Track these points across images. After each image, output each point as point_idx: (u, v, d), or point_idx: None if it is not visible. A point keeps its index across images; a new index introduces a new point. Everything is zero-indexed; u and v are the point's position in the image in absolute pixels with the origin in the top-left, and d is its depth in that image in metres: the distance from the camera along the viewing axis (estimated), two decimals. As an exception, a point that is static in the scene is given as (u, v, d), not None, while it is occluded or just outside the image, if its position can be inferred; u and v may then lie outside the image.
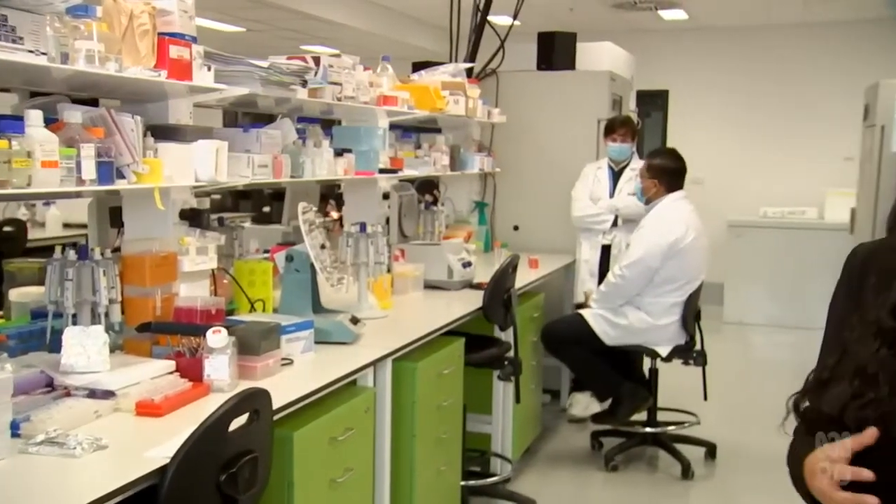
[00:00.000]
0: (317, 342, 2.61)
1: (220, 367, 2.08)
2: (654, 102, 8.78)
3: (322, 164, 3.12)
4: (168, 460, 1.58)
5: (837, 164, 7.91)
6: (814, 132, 8.33)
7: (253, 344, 2.21)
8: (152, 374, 2.03)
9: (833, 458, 1.15)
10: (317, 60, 2.92)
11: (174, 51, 2.14)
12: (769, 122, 8.59)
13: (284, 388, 2.18)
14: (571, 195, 4.92)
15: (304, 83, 2.78)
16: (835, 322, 1.30)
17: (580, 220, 4.92)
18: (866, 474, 1.11)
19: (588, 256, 4.92)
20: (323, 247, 2.78)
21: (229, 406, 1.64)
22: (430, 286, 3.91)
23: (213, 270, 2.63)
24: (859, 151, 6.38)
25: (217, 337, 2.08)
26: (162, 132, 2.29)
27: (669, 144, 8.57)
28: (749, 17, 8.18)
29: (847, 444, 1.14)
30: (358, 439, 2.47)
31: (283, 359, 2.40)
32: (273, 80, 2.54)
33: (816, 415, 1.24)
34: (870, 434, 1.13)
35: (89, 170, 1.90)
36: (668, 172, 4.21)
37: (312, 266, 2.73)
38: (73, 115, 1.98)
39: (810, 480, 1.19)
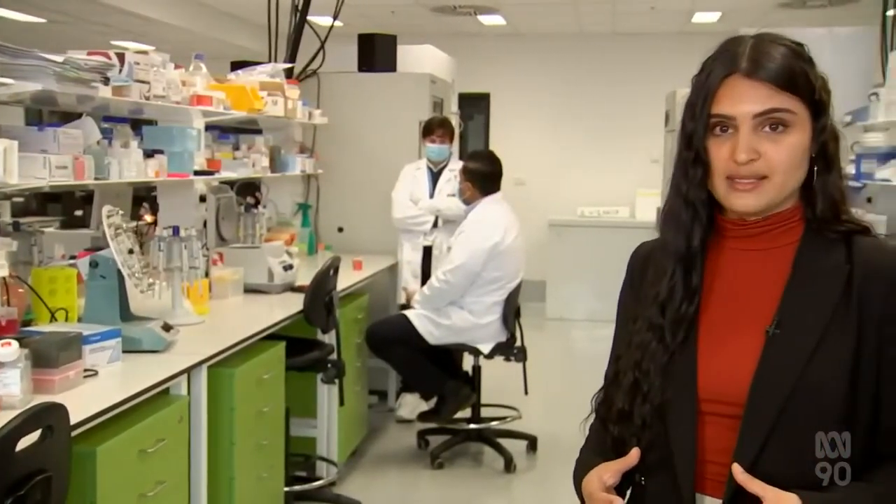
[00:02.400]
0: (126, 351, 2.49)
1: (10, 382, 1.94)
2: (476, 105, 9.01)
3: (130, 166, 2.98)
4: (-56, 486, 1.46)
5: (645, 166, 8.41)
6: (624, 136, 8.82)
7: (50, 356, 2.08)
8: (-71, 393, 1.86)
9: (605, 482, 1.25)
10: (121, 57, 2.78)
11: (-50, 41, 1.97)
12: (585, 125, 9.02)
13: (87, 401, 2.06)
14: (392, 197, 4.96)
15: (107, 80, 2.64)
16: (622, 317, 1.38)
17: (401, 222, 4.96)
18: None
19: (410, 258, 4.97)
20: (131, 251, 2.65)
21: (15, 424, 1.53)
22: (251, 290, 3.82)
23: (4, 279, 2.45)
24: (663, 154, 6.83)
25: (6, 350, 1.94)
26: (-60, 130, 2.11)
27: (491, 146, 8.83)
28: (562, 25, 8.56)
29: (616, 468, 1.25)
30: (170, 450, 2.38)
31: (87, 370, 2.27)
32: (70, 77, 2.39)
33: (607, 410, 1.32)
34: (633, 455, 1.24)
35: None
36: (481, 176, 4.31)
37: (120, 272, 2.61)
38: None
39: (591, 497, 1.27)
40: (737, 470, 1.14)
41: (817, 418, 1.14)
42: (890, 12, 4.64)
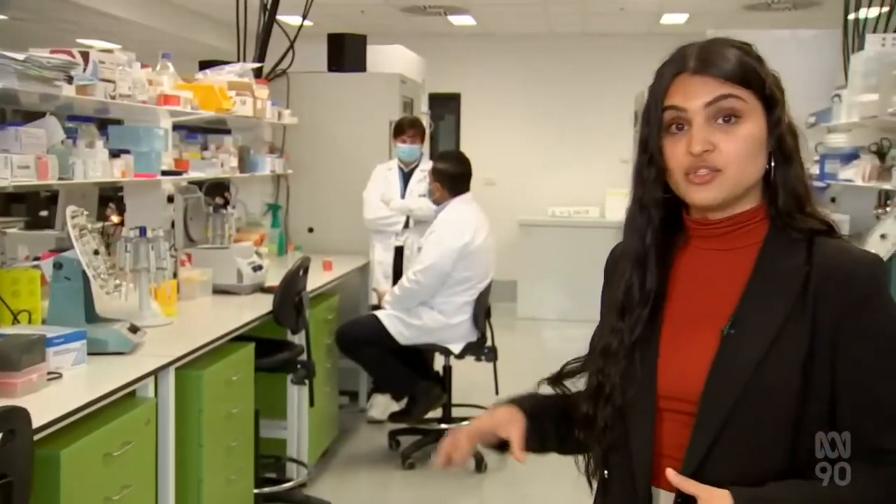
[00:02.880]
0: (91, 353, 2.46)
1: (-28, 385, 1.91)
2: (447, 105, 9.01)
3: (96, 166, 2.94)
4: None
5: (615, 166, 8.45)
6: (594, 136, 8.86)
7: (12, 358, 2.05)
8: None
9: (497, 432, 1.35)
10: (85, 55, 2.74)
11: None
12: (555, 125, 9.05)
13: (50, 403, 2.04)
14: (363, 197, 4.94)
15: (70, 79, 2.60)
16: (601, 321, 1.39)
17: (372, 223, 4.95)
18: None
19: (382, 258, 4.96)
20: (97, 252, 2.62)
21: (-24, 427, 1.51)
22: (220, 291, 3.80)
23: (-33, 280, 2.41)
24: (632, 154, 6.88)
25: (-32, 353, 1.91)
26: None
27: (462, 147, 8.85)
28: (532, 25, 8.59)
29: (515, 439, 1.33)
30: (137, 453, 2.36)
31: (51, 373, 2.24)
32: (32, 75, 2.36)
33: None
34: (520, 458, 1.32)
35: None
36: (450, 177, 4.32)
37: (85, 273, 2.57)
38: None
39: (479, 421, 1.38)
40: (670, 473, 1.16)
41: (768, 418, 1.15)
42: (851, 16, 4.71)
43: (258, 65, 4.97)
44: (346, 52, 5.47)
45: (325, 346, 4.29)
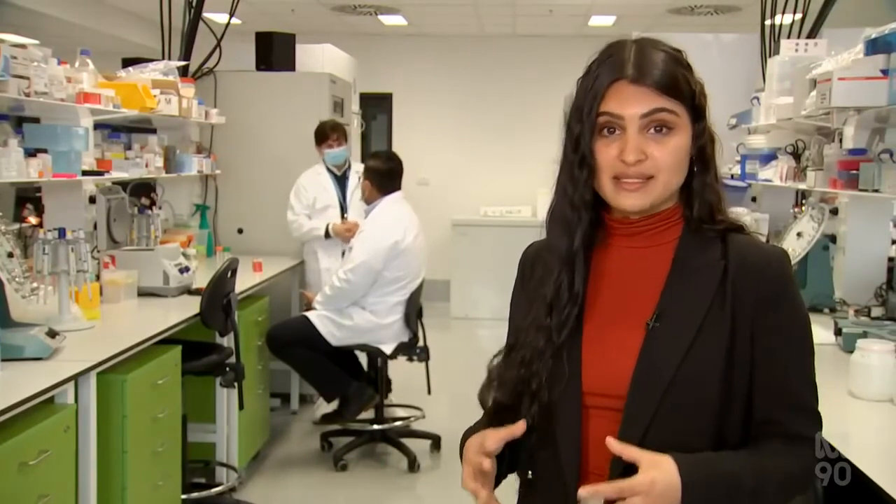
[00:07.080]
0: (6, 360, 2.39)
1: None
2: (378, 105, 8.99)
3: (10, 165, 2.85)
4: None
5: (546, 166, 8.44)
6: (526, 136, 8.93)
7: (-80, 366, 1.97)
8: None
9: (487, 447, 1.23)
10: (-4, 51, 2.65)
11: None
12: (487, 125, 9.10)
13: (-39, 413, 1.97)
14: (288, 213, 4.89)
15: (-20, 75, 2.51)
16: (513, 317, 1.40)
17: (304, 237, 4.92)
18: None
19: (328, 265, 4.88)
20: (11, 255, 2.54)
21: None
22: (146, 293, 3.72)
23: None
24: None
25: None
26: None
27: (394, 147, 8.83)
28: (464, 26, 8.62)
29: (499, 436, 1.23)
30: (55, 462, 2.29)
31: (-38, 380, 2.16)
32: (-61, 70, 2.27)
33: (495, 406, 1.33)
34: (520, 426, 1.23)
35: None
36: (379, 175, 4.31)
37: (-1, 277, 2.49)
38: None
39: (465, 457, 1.28)
40: (610, 441, 1.15)
41: (695, 407, 1.18)
42: (768, 21, 4.85)
43: (183, 63, 4.88)
44: (274, 51, 5.41)
45: (255, 348, 4.24)
